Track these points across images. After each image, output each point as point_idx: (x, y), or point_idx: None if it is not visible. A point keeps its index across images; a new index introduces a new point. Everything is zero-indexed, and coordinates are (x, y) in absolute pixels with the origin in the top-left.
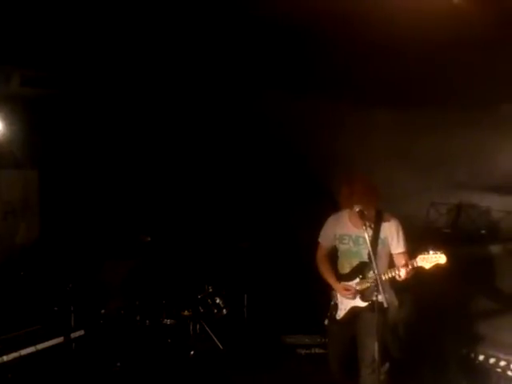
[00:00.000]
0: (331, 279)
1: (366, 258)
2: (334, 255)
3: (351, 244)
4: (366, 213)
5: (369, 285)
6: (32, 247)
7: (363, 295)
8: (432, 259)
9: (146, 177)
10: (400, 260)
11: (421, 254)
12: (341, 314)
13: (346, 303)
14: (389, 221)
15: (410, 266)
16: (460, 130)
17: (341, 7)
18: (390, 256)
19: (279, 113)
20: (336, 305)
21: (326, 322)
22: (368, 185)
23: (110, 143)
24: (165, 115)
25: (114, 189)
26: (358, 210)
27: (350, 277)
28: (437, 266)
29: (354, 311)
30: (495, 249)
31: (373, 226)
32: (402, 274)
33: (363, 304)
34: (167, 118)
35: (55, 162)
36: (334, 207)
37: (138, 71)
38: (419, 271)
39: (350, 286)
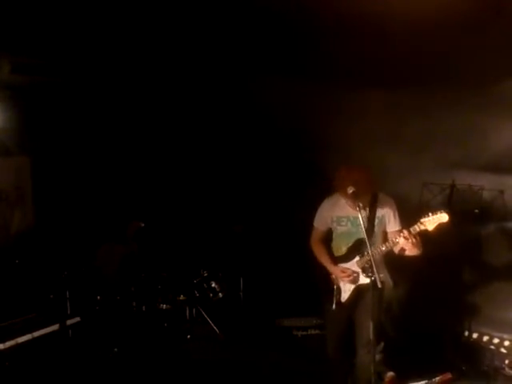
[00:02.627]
0: (328, 263)
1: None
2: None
3: (349, 225)
4: (360, 194)
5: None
6: (26, 235)
7: (365, 272)
8: (434, 220)
9: (139, 162)
10: (396, 236)
11: (422, 218)
12: (345, 296)
13: (349, 284)
14: (385, 201)
15: (412, 232)
16: (452, 111)
17: None
18: (385, 235)
19: (272, 97)
20: (339, 288)
21: (334, 306)
22: (362, 171)
23: (102, 129)
24: (156, 100)
25: (108, 174)
26: (351, 191)
27: (347, 257)
28: (440, 226)
29: (358, 290)
30: (488, 228)
31: (368, 206)
32: (400, 241)
33: (366, 280)
34: (159, 103)
35: (47, 149)
36: (328, 190)
37: (129, 59)
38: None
39: (346, 268)
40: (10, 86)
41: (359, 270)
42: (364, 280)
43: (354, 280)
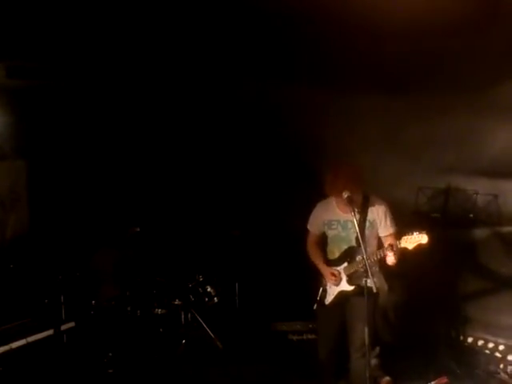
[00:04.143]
0: (320, 263)
1: (354, 243)
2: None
3: (340, 229)
4: (354, 198)
5: (356, 269)
6: (21, 239)
7: (350, 279)
8: (414, 239)
9: (135, 166)
10: (389, 242)
11: (405, 235)
12: (329, 298)
13: (333, 288)
14: (376, 204)
15: (394, 248)
16: (447, 115)
17: None
18: (379, 239)
19: (268, 101)
20: (325, 290)
21: (315, 306)
22: (352, 171)
23: (98, 133)
24: (153, 104)
25: (103, 178)
26: (346, 196)
27: (338, 262)
28: (419, 246)
29: (342, 295)
30: (483, 232)
31: (360, 210)
32: (386, 254)
33: (350, 288)
34: (155, 107)
35: (43, 153)
36: (324, 194)
37: (126, 63)
38: (407, 254)
39: (337, 271)
40: (5, 89)
41: (343, 277)
42: (346, 287)
43: (337, 285)
